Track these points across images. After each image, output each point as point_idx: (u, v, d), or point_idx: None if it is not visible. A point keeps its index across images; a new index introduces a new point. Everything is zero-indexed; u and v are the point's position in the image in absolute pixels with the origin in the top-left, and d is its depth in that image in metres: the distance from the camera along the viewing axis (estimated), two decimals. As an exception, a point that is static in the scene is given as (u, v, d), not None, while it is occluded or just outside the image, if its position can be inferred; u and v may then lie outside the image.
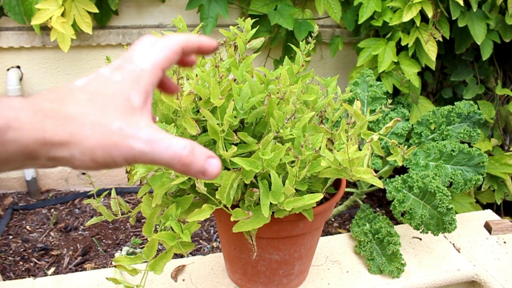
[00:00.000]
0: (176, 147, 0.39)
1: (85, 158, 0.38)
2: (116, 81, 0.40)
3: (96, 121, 0.38)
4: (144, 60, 0.43)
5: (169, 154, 0.39)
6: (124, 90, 0.40)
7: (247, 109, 0.83)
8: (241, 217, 0.80)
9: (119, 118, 0.39)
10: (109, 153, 0.38)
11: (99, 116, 0.38)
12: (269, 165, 0.78)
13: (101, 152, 0.38)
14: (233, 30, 1.00)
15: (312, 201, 0.80)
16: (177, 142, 0.39)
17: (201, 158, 0.40)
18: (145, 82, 0.42)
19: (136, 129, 0.39)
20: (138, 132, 0.39)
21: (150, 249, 0.78)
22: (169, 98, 0.76)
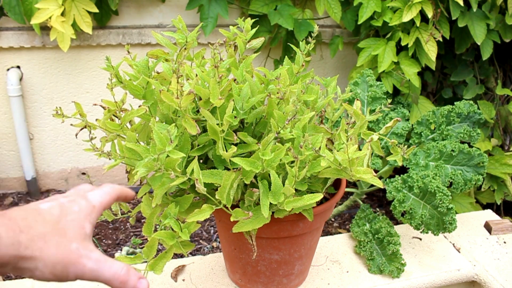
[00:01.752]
0: (116, 267, 0.50)
1: (46, 271, 0.46)
2: (75, 211, 0.50)
3: (60, 242, 0.47)
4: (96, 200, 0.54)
5: (111, 272, 0.49)
6: (80, 220, 0.50)
7: (247, 109, 0.83)
8: (241, 217, 0.80)
9: (76, 241, 0.48)
10: (66, 268, 0.47)
11: (62, 238, 0.47)
12: (269, 165, 0.78)
13: (60, 267, 0.46)
14: (233, 30, 1.00)
15: (312, 201, 0.80)
16: (117, 264, 0.50)
17: (134, 278, 0.51)
18: (94, 217, 0.53)
19: (88, 251, 0.49)
20: (89, 253, 0.49)
21: (150, 249, 0.78)
22: (169, 97, 0.76)
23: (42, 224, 0.46)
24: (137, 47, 1.98)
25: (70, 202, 0.51)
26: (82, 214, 0.51)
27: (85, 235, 0.50)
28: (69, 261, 0.47)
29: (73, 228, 0.49)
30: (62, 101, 2.03)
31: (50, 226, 0.47)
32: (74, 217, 0.50)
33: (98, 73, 2.02)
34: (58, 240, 0.46)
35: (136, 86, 0.87)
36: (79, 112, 0.81)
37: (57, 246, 0.46)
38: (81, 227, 0.50)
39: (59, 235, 0.47)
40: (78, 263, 0.47)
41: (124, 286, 0.50)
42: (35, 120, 2.04)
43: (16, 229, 0.44)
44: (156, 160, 0.72)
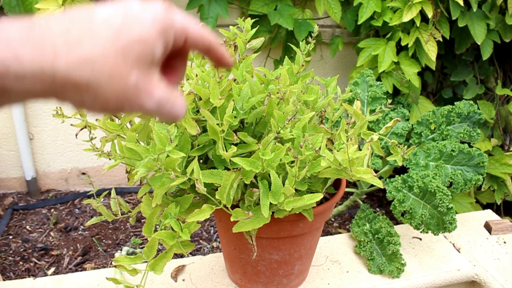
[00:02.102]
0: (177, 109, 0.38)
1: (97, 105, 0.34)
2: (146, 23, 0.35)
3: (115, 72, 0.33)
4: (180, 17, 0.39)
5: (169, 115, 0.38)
6: (151, 38, 0.35)
7: (247, 109, 0.83)
8: (241, 217, 0.80)
9: (137, 70, 0.34)
10: (121, 105, 0.35)
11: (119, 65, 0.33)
12: (269, 165, 0.78)
13: (114, 103, 0.35)
14: (233, 30, 1.00)
15: (312, 201, 0.80)
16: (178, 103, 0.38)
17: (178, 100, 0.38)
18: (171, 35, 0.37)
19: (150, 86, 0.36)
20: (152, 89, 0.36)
21: (150, 249, 0.78)
22: None
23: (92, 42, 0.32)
24: (137, 47, 1.98)
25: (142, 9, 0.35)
26: (155, 29, 0.35)
27: (152, 61, 0.36)
28: (124, 99, 0.35)
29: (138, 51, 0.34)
30: (62, 101, 2.03)
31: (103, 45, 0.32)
32: (143, 31, 0.34)
33: (98, 73, 2.02)
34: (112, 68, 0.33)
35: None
36: (79, 112, 0.81)
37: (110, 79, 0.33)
38: (150, 49, 0.35)
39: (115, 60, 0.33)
40: (136, 102, 0.35)
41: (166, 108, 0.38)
42: (35, 120, 2.04)
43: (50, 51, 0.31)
44: (156, 160, 0.72)
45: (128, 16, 0.34)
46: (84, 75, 0.32)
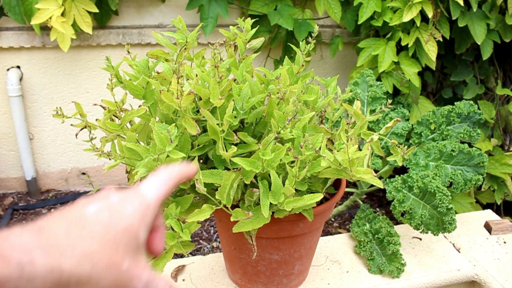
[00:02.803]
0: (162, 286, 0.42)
1: None
2: (128, 215, 0.40)
3: (111, 262, 0.38)
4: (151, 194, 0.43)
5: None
6: (134, 227, 0.40)
7: (247, 109, 0.83)
8: (241, 217, 0.80)
9: (128, 257, 0.40)
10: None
11: (113, 256, 0.38)
12: (269, 165, 0.78)
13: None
14: (233, 30, 1.00)
15: (312, 201, 0.80)
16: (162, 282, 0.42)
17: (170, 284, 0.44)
18: (151, 217, 0.43)
19: (139, 270, 0.41)
20: (141, 272, 0.41)
21: (150, 249, 0.78)
22: (169, 98, 0.76)
23: (89, 240, 0.37)
24: (137, 47, 1.98)
25: (122, 202, 0.41)
26: (136, 218, 0.41)
27: (138, 246, 0.41)
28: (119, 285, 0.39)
29: (126, 240, 0.39)
30: (62, 101, 2.03)
31: (98, 240, 0.37)
32: (127, 222, 0.40)
33: (98, 73, 2.02)
34: (108, 259, 0.38)
35: (136, 86, 0.87)
36: (79, 112, 0.81)
37: (107, 268, 0.38)
38: (135, 236, 0.41)
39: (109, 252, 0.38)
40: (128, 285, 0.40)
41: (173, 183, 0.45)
42: (35, 120, 2.04)
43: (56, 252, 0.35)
44: (156, 160, 0.72)
45: (113, 211, 0.39)
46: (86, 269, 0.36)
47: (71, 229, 0.37)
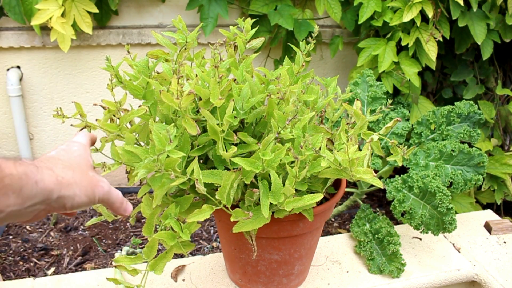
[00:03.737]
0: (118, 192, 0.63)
1: (82, 194, 0.56)
2: (75, 150, 0.62)
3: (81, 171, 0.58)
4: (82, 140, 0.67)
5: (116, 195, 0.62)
6: (83, 154, 0.62)
7: (247, 109, 0.83)
8: (241, 217, 0.79)
9: (90, 170, 0.60)
10: (93, 190, 0.58)
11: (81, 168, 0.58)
12: (269, 165, 0.78)
13: (90, 189, 0.57)
14: (233, 30, 1.00)
15: (312, 201, 0.80)
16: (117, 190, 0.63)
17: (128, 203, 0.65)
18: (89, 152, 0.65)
19: (100, 177, 0.61)
20: (102, 179, 0.61)
21: (150, 249, 0.78)
22: (169, 98, 0.76)
23: (62, 163, 0.57)
24: (137, 47, 1.98)
25: (67, 146, 0.63)
26: (82, 150, 0.63)
27: (91, 165, 0.62)
28: (93, 185, 0.58)
29: (83, 161, 0.60)
30: (62, 101, 2.03)
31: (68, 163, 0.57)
32: (78, 153, 0.61)
33: (98, 73, 2.02)
34: (79, 170, 0.57)
35: (136, 86, 0.87)
36: (79, 112, 0.81)
37: (81, 174, 0.57)
38: (87, 159, 0.62)
39: (78, 167, 0.58)
40: (99, 186, 0.59)
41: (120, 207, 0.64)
42: (35, 120, 2.04)
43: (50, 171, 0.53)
44: (156, 161, 0.72)
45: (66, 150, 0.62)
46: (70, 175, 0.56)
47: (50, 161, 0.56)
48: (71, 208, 0.55)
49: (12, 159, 0.49)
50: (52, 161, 0.56)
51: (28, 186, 0.48)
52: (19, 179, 0.47)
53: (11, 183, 0.46)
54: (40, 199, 0.50)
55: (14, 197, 0.47)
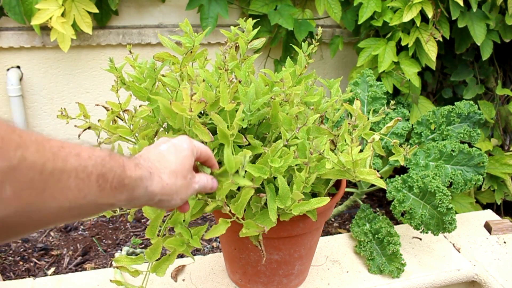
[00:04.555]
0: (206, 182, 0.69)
1: (178, 199, 0.62)
2: (184, 148, 0.65)
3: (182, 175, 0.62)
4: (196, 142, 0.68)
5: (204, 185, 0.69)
6: (189, 155, 0.65)
7: (254, 110, 0.82)
8: (253, 229, 0.79)
9: (189, 171, 0.64)
10: (187, 192, 0.64)
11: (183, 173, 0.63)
12: (277, 171, 0.78)
13: (185, 194, 0.63)
14: (234, 31, 1.00)
15: (319, 205, 0.80)
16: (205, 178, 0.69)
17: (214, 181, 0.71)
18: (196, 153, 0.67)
19: (194, 178, 0.66)
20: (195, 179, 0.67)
21: (153, 252, 0.78)
22: (181, 108, 0.74)
23: (170, 167, 0.61)
24: (137, 47, 1.98)
25: (179, 142, 0.65)
26: (189, 151, 0.65)
27: (192, 165, 0.65)
28: (188, 187, 0.64)
29: (187, 163, 0.64)
30: (62, 101, 2.03)
31: (174, 165, 0.61)
32: (185, 154, 0.64)
33: (98, 73, 2.02)
34: (182, 175, 0.62)
35: (140, 88, 0.86)
36: (83, 113, 0.81)
37: (182, 179, 0.62)
38: (191, 160, 0.65)
39: (181, 172, 0.62)
40: (192, 188, 0.65)
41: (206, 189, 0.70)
42: (35, 120, 2.04)
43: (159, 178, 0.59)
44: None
45: (176, 147, 0.64)
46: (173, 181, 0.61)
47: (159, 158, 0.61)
48: (166, 208, 0.63)
49: (133, 159, 0.56)
50: (163, 162, 0.61)
51: (139, 189, 0.55)
52: (134, 182, 0.53)
53: (129, 183, 0.52)
54: (145, 200, 0.57)
55: (126, 195, 0.53)
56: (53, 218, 0.45)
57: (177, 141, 0.65)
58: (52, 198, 0.43)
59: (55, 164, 0.43)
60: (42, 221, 0.44)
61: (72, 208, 0.46)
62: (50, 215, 0.44)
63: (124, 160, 0.53)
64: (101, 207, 0.50)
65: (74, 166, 0.45)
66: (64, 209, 0.44)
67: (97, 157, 0.48)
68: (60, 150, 0.44)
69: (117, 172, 0.50)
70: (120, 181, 0.51)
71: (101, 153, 0.49)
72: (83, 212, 0.48)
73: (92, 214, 0.51)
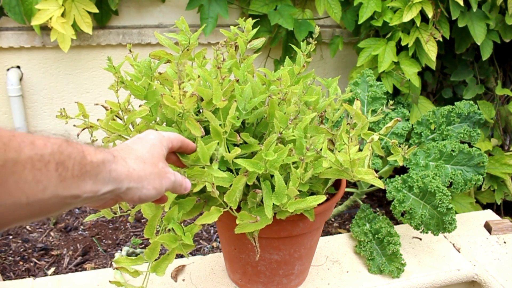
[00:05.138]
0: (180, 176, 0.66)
1: (150, 187, 0.58)
2: (151, 138, 0.63)
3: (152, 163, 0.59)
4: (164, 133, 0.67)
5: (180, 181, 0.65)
6: (157, 145, 0.63)
7: (249, 109, 0.83)
8: (247, 220, 0.79)
9: (160, 161, 0.62)
10: (160, 182, 0.60)
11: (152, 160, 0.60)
12: (272, 166, 0.78)
13: (158, 183, 0.59)
14: (234, 30, 1.00)
15: (315, 203, 0.80)
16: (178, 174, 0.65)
17: (187, 180, 0.68)
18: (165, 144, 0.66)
19: (168, 168, 0.63)
20: (169, 170, 0.63)
21: (152, 251, 0.78)
22: (172, 101, 0.76)
23: (136, 154, 0.58)
24: (137, 47, 1.98)
25: (145, 135, 0.64)
26: (157, 140, 0.63)
27: (163, 156, 0.63)
28: (162, 177, 0.60)
29: (156, 151, 0.61)
30: (62, 101, 2.03)
31: (141, 153, 0.59)
32: (153, 142, 0.62)
33: (98, 73, 2.02)
34: (151, 162, 0.59)
35: (138, 87, 0.87)
36: (82, 113, 0.81)
37: (151, 167, 0.59)
38: (161, 149, 0.63)
39: (150, 158, 0.59)
40: (166, 178, 0.61)
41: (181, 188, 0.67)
42: (35, 120, 2.04)
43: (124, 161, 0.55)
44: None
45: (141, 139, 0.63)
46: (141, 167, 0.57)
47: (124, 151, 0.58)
48: (138, 200, 0.57)
49: (93, 146, 0.52)
50: (126, 150, 0.58)
51: (103, 174, 0.50)
52: (97, 167, 0.49)
53: (90, 170, 0.48)
54: (111, 187, 0.52)
55: (90, 184, 0.48)
56: (10, 217, 0.40)
57: (143, 134, 0.64)
58: (6, 193, 0.38)
59: (7, 155, 0.38)
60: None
61: (31, 204, 0.41)
62: (5, 213, 0.39)
63: (83, 146, 0.49)
64: (65, 200, 0.45)
65: (29, 155, 0.40)
66: (21, 205, 0.40)
67: (53, 144, 0.44)
68: (11, 139, 0.39)
69: (76, 159, 0.46)
70: (81, 167, 0.47)
71: (57, 140, 0.45)
72: (45, 209, 0.43)
73: (56, 210, 0.46)
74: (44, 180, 0.42)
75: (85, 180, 0.47)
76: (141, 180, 0.56)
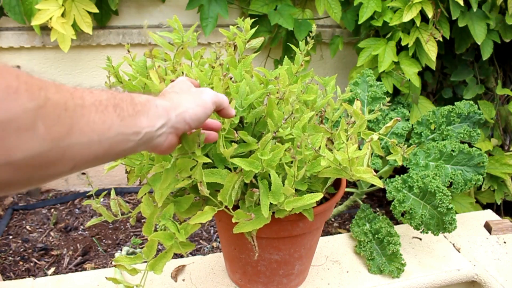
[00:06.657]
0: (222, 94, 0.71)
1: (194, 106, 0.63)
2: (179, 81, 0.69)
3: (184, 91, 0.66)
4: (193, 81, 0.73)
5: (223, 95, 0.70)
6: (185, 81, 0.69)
7: (246, 106, 0.83)
8: (242, 218, 0.79)
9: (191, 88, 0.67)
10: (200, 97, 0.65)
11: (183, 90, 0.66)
12: (268, 165, 0.78)
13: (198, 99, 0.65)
14: (233, 30, 1.00)
15: (311, 201, 0.80)
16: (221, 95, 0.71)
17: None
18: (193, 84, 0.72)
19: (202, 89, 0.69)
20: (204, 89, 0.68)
21: (150, 249, 0.78)
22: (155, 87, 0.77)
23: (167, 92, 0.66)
24: (137, 47, 1.98)
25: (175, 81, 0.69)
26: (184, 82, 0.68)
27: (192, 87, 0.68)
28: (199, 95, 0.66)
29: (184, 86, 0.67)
30: (62, 101, 2.03)
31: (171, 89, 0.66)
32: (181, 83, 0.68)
33: (98, 73, 2.02)
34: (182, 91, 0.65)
35: (135, 86, 0.87)
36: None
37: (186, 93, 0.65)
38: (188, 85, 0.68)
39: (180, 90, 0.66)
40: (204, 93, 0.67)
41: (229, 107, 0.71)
42: (35, 120, 2.04)
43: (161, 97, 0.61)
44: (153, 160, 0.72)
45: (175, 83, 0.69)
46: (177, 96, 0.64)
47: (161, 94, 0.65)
48: (191, 121, 0.62)
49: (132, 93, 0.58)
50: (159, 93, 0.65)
51: (152, 109, 0.56)
52: (145, 105, 0.56)
53: (141, 108, 0.55)
54: (164, 120, 0.58)
55: (145, 120, 0.55)
56: (86, 153, 0.47)
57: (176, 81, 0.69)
58: (81, 132, 0.46)
59: (75, 102, 0.46)
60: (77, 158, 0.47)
61: (102, 141, 0.49)
62: (83, 150, 0.47)
63: (127, 92, 0.56)
64: (129, 137, 0.52)
65: (91, 101, 0.48)
66: (94, 142, 0.47)
67: (106, 92, 0.51)
68: (75, 91, 0.47)
69: (127, 100, 0.53)
70: (134, 107, 0.54)
71: (107, 90, 0.53)
72: (113, 145, 0.51)
73: (123, 147, 0.52)
74: (108, 120, 0.49)
75: (140, 118, 0.54)
76: (183, 104, 0.62)
